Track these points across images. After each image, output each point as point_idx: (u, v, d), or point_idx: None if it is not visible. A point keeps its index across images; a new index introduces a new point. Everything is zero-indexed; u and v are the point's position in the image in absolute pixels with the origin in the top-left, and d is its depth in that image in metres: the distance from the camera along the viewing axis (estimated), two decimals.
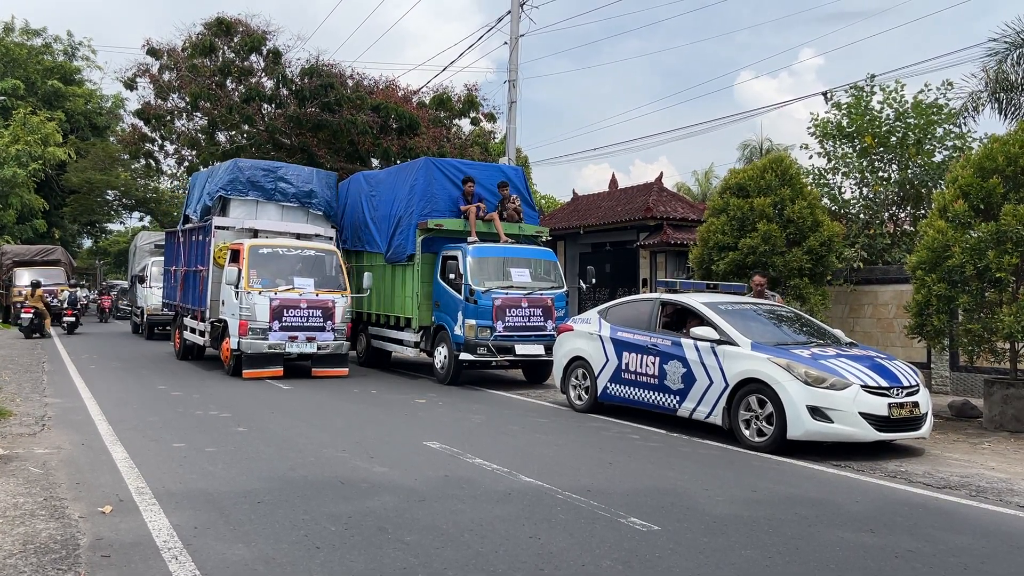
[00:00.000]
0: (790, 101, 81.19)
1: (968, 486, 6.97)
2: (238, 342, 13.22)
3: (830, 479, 7.20)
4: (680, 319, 9.99)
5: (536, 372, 14.24)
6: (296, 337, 13.42)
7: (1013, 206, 9.19)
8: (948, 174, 10.99)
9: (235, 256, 13.94)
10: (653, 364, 9.62)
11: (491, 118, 26.34)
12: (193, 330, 15.90)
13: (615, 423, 9.91)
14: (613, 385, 10.28)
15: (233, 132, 25.44)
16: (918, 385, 8.39)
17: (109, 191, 41.99)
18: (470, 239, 13.69)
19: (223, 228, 15.05)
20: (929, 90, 15.26)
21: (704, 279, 13.18)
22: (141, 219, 46.23)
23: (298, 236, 15.20)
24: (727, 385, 8.63)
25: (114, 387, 12.35)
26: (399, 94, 25.17)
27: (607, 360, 10.37)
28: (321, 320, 13.59)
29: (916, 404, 8.16)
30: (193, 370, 15.00)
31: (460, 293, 13.12)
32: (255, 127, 24.41)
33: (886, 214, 15.91)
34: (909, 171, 15.17)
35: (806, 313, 11.30)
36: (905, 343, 12.93)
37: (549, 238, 16.00)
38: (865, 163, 15.43)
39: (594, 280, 15.34)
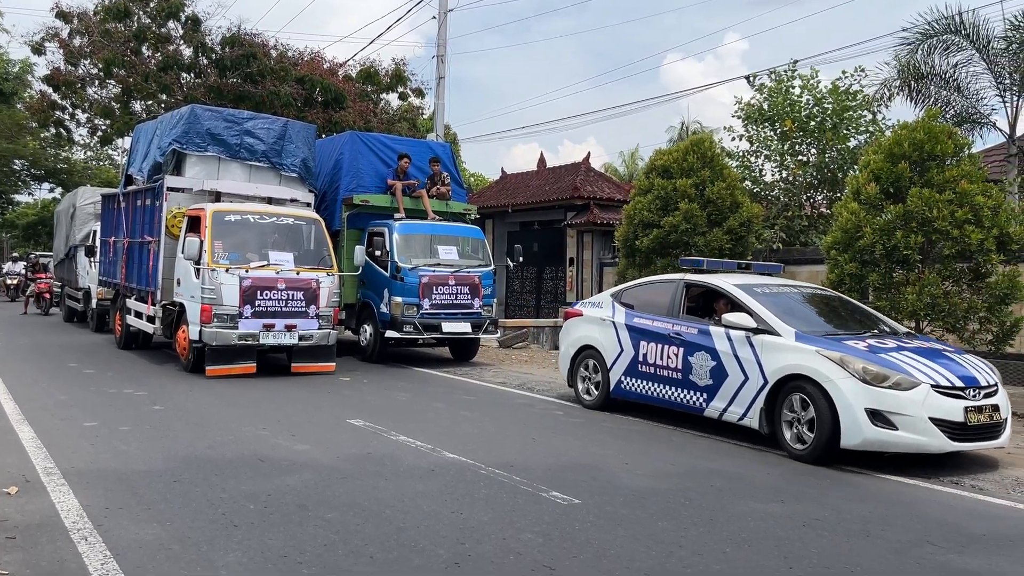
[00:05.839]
0: (715, 84, 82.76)
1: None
2: (199, 331, 10.86)
3: (744, 453, 7.44)
4: (707, 304, 8.92)
5: (463, 350, 14.23)
6: (272, 325, 11.15)
7: (918, 189, 9.61)
8: (861, 159, 11.40)
9: (194, 224, 11.59)
10: (676, 356, 8.41)
11: (419, 93, 26.03)
12: (139, 314, 13.28)
13: (540, 399, 9.99)
14: (628, 379, 9.03)
15: (150, 102, 24.50)
16: (997, 385, 7.22)
17: (16, 160, 39.92)
18: (397, 215, 13.57)
19: (177, 190, 12.34)
20: (846, 76, 15.81)
21: (628, 257, 13.37)
22: (52, 190, 44.18)
23: (269, 201, 12.66)
24: (766, 382, 7.43)
25: (27, 370, 11.85)
26: (324, 66, 24.64)
27: (622, 350, 9.14)
28: (303, 304, 11.38)
29: (996, 407, 6.98)
30: (138, 363, 12.52)
31: (386, 270, 13.00)
32: (173, 97, 23.55)
33: (804, 197, 16.42)
34: (826, 155, 15.68)
35: None
36: None
37: (477, 216, 15.97)
38: (785, 147, 15.88)
39: (521, 259, 15.40)
